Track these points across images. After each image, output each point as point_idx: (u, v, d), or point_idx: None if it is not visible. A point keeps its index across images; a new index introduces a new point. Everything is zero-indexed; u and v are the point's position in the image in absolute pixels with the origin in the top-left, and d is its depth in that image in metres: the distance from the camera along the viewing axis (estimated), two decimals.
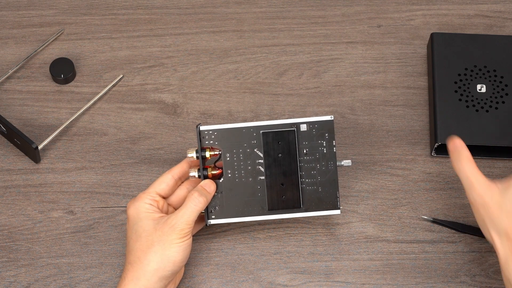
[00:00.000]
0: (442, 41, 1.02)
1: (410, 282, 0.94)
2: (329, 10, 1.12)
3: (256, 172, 0.91)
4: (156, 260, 0.86)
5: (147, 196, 0.89)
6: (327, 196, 0.91)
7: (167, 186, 0.91)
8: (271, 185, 0.91)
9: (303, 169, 0.91)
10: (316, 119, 0.91)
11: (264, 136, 0.90)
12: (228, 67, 1.08)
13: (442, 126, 0.98)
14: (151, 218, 0.88)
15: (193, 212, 0.87)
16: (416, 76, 1.07)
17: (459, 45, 1.02)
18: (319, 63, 1.08)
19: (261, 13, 1.11)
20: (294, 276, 0.95)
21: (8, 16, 1.11)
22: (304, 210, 0.91)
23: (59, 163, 1.01)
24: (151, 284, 0.86)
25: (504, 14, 1.11)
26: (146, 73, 1.07)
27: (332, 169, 0.91)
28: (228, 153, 0.91)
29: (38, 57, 1.08)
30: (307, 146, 0.91)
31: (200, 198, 0.88)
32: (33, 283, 0.94)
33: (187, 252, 0.88)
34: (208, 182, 0.90)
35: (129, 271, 0.86)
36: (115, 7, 1.12)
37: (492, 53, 1.02)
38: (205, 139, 0.91)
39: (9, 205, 0.99)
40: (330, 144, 0.91)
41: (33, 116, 1.04)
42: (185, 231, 0.87)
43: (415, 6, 1.12)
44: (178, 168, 0.92)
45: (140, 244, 0.87)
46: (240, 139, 0.91)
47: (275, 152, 0.90)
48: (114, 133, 1.03)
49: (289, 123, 0.91)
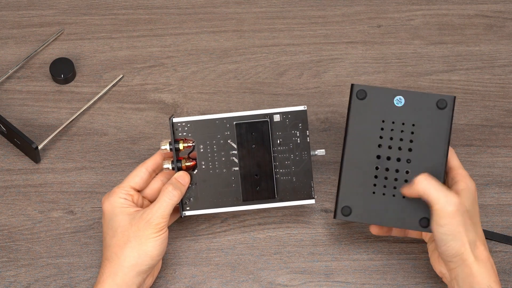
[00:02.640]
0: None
1: (410, 282, 0.94)
2: (329, 10, 1.12)
3: (230, 163, 0.91)
4: (133, 256, 0.86)
5: (121, 191, 0.89)
6: (302, 186, 0.91)
7: (141, 179, 0.91)
8: (245, 176, 0.90)
9: (277, 159, 0.91)
10: (289, 110, 0.91)
11: (238, 127, 0.90)
12: (228, 67, 1.08)
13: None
14: (126, 213, 0.88)
15: (168, 206, 0.87)
16: (416, 76, 1.07)
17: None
18: (319, 63, 1.08)
19: (261, 13, 1.11)
20: (294, 276, 0.95)
21: (8, 16, 1.11)
22: (278, 200, 0.91)
23: (59, 163, 1.01)
24: (129, 279, 0.86)
25: (504, 14, 1.11)
26: (146, 73, 1.07)
27: (306, 159, 0.91)
28: (201, 144, 0.91)
29: (38, 57, 1.08)
30: (280, 136, 0.91)
31: (174, 191, 0.88)
32: (33, 283, 0.94)
33: (164, 246, 0.88)
34: (182, 174, 0.90)
35: (106, 267, 0.87)
36: (115, 7, 1.12)
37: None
38: (178, 130, 0.91)
39: (9, 205, 0.99)
40: (304, 134, 0.91)
41: (33, 116, 1.04)
42: (160, 225, 0.87)
43: (415, 6, 1.12)
44: (152, 160, 0.92)
45: (116, 239, 0.87)
46: (213, 130, 0.91)
47: (248, 143, 0.90)
48: (114, 133, 1.03)
49: (263, 114, 0.90)
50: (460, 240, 0.83)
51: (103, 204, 0.89)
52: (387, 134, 0.89)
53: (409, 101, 0.88)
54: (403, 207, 0.88)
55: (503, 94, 1.06)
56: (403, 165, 0.88)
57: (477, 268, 0.83)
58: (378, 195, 0.88)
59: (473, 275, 0.83)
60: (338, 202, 0.89)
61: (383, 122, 0.89)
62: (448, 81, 1.07)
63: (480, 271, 0.83)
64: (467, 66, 1.08)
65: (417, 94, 0.88)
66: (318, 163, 1.00)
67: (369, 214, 0.88)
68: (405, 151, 0.88)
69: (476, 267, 0.83)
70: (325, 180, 1.00)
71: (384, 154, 0.88)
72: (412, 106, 0.88)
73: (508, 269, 0.95)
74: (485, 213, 0.98)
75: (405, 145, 0.88)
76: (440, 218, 0.83)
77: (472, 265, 0.83)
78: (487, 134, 1.03)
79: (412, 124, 0.88)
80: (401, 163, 0.88)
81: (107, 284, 0.86)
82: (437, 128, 0.88)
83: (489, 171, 1.01)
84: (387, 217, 0.88)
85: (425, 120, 0.88)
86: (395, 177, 0.88)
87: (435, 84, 1.06)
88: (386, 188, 0.88)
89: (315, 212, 0.98)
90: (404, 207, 0.88)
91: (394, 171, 0.88)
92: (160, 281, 0.94)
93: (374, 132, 0.89)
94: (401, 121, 0.88)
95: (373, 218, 0.88)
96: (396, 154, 0.88)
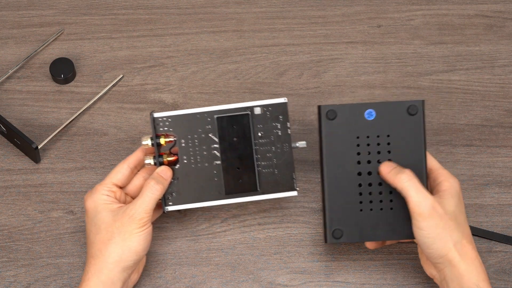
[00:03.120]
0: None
1: (410, 282, 0.94)
2: (329, 10, 1.12)
3: (212, 157, 0.91)
4: (117, 252, 0.86)
5: (104, 188, 0.89)
6: (284, 178, 0.91)
7: (123, 175, 0.91)
8: (227, 169, 0.90)
9: (259, 152, 0.91)
10: (270, 102, 0.90)
11: (219, 121, 0.90)
12: (228, 67, 1.08)
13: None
14: (109, 209, 0.88)
15: (150, 201, 0.87)
16: (416, 76, 1.07)
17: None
18: (319, 63, 1.08)
19: (261, 13, 1.11)
20: (294, 276, 0.95)
21: (8, 16, 1.11)
22: (261, 193, 0.91)
23: (59, 163, 1.01)
24: (114, 275, 0.86)
25: (504, 14, 1.11)
26: (146, 73, 1.07)
27: (287, 151, 0.91)
28: (183, 139, 0.91)
29: (38, 57, 1.08)
30: (262, 129, 0.91)
31: (156, 186, 0.88)
32: (33, 283, 0.94)
33: (148, 241, 0.88)
34: (164, 168, 0.90)
35: (91, 264, 0.87)
36: (115, 7, 1.12)
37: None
38: (159, 126, 0.90)
39: (9, 205, 0.99)
40: (285, 126, 0.91)
41: (33, 116, 1.04)
42: (144, 220, 0.87)
43: (415, 6, 1.12)
44: (134, 156, 0.92)
45: (100, 236, 0.87)
46: (194, 124, 0.90)
47: (230, 137, 0.90)
48: (114, 133, 1.03)
49: (243, 107, 0.90)
50: (442, 242, 0.83)
51: (85, 202, 0.89)
52: (364, 149, 0.88)
53: (380, 112, 0.88)
54: (393, 219, 0.87)
55: (503, 94, 1.06)
56: None
57: (464, 267, 0.83)
58: (365, 212, 0.88)
59: (461, 275, 0.83)
60: (327, 226, 0.88)
61: (357, 138, 0.88)
62: (448, 81, 1.07)
63: (468, 270, 0.83)
64: (467, 66, 1.08)
65: (386, 104, 0.88)
66: (318, 163, 1.00)
67: (360, 233, 0.88)
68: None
69: (463, 266, 0.83)
70: None
71: (364, 169, 0.88)
72: (384, 117, 0.88)
73: (508, 269, 0.95)
74: (485, 213, 0.98)
75: (384, 156, 0.88)
76: (419, 222, 0.83)
77: (459, 264, 0.83)
78: (487, 134, 1.03)
79: (387, 135, 0.88)
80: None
81: (92, 282, 0.86)
82: (412, 134, 0.88)
83: (489, 171, 1.01)
84: (379, 231, 0.88)
85: (399, 129, 0.88)
86: (379, 190, 0.88)
87: (435, 84, 1.06)
88: (373, 203, 0.88)
89: (315, 212, 0.98)
90: (393, 219, 0.87)
91: (377, 185, 0.88)
92: (160, 281, 0.94)
93: (351, 150, 0.88)
94: (375, 134, 0.88)
95: (365, 235, 0.88)
96: (376, 168, 0.88)
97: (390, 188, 0.87)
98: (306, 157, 1.01)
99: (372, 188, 0.88)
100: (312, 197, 0.99)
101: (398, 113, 0.88)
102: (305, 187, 0.99)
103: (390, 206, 0.87)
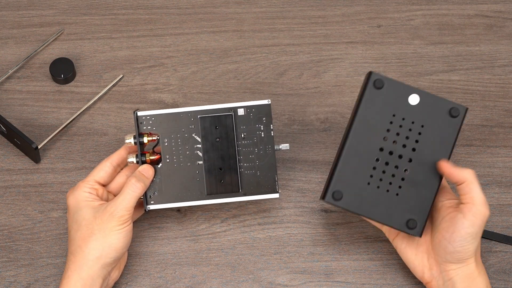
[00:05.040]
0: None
1: (410, 282, 0.94)
2: (329, 10, 1.12)
3: (195, 157, 0.91)
4: (97, 248, 0.86)
5: (86, 185, 0.90)
6: (266, 180, 0.91)
7: (106, 173, 0.91)
8: (210, 169, 0.90)
9: (241, 153, 0.91)
10: (253, 103, 0.91)
11: (202, 121, 0.90)
12: (228, 67, 1.08)
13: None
14: (90, 206, 0.88)
15: (131, 198, 0.87)
16: (416, 76, 1.07)
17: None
18: (319, 63, 1.08)
19: (261, 13, 1.11)
20: (294, 276, 0.95)
21: (8, 16, 1.11)
22: (243, 194, 0.91)
23: (59, 163, 1.01)
24: (94, 272, 0.86)
25: (504, 14, 1.11)
26: (146, 73, 1.07)
27: (270, 153, 0.91)
28: (166, 138, 0.91)
29: (38, 57, 1.08)
30: (245, 130, 0.91)
31: (137, 184, 0.88)
32: (33, 283, 0.94)
33: (128, 238, 0.88)
34: (146, 167, 0.90)
35: (71, 261, 0.87)
36: (115, 7, 1.12)
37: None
38: (143, 124, 0.91)
39: (9, 205, 0.99)
40: (268, 128, 0.91)
41: (33, 116, 1.04)
42: (124, 217, 0.87)
43: (415, 6, 1.12)
44: (117, 155, 0.92)
45: (80, 233, 0.87)
46: (178, 124, 0.91)
47: (213, 137, 0.90)
48: (114, 133, 1.03)
49: (227, 108, 0.91)
50: (477, 244, 0.85)
51: (67, 198, 0.90)
52: (395, 129, 0.88)
53: (423, 101, 0.88)
54: (394, 204, 0.87)
55: (503, 94, 1.06)
56: (403, 163, 0.88)
57: (477, 273, 0.85)
58: (372, 187, 0.88)
59: (473, 278, 0.85)
60: (331, 184, 0.87)
61: (393, 116, 0.88)
62: (448, 81, 1.07)
63: (480, 275, 0.85)
64: (467, 66, 1.08)
65: (433, 97, 0.88)
66: (318, 163, 1.01)
67: (359, 204, 0.87)
68: (408, 150, 0.88)
69: (476, 271, 0.85)
70: (325, 179, 1.00)
71: (387, 148, 0.88)
72: (426, 108, 0.88)
73: (508, 269, 0.95)
74: None
75: (410, 144, 0.88)
76: (476, 219, 0.83)
77: (474, 269, 0.85)
78: (487, 134, 1.03)
79: (421, 125, 0.88)
80: (402, 161, 0.88)
81: (72, 280, 0.86)
82: (445, 134, 0.88)
83: (489, 171, 1.01)
84: (376, 210, 0.87)
85: (435, 124, 0.88)
86: (393, 173, 0.88)
87: (435, 84, 1.06)
88: (382, 181, 0.88)
89: (315, 212, 0.98)
90: (395, 204, 0.87)
91: (394, 167, 0.88)
92: (160, 281, 0.94)
93: (382, 124, 0.88)
94: (411, 119, 0.88)
95: (362, 208, 0.87)
96: (399, 151, 0.88)
97: (403, 175, 0.87)
98: (306, 157, 1.01)
99: (388, 168, 0.88)
100: (312, 197, 0.99)
101: (439, 110, 0.88)
102: (305, 187, 0.99)
103: (397, 192, 0.87)
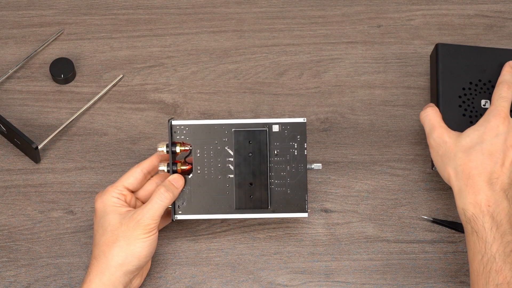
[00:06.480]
0: (447, 52, 0.97)
1: (410, 282, 0.94)
2: (329, 10, 1.12)
3: (226, 170, 0.91)
4: (120, 255, 0.86)
5: (115, 190, 0.89)
6: (296, 198, 0.91)
7: (136, 180, 0.91)
8: (240, 184, 0.90)
9: (273, 170, 0.91)
10: (289, 121, 0.91)
11: (236, 135, 0.90)
12: (228, 67, 1.08)
13: None
14: (117, 212, 0.88)
15: (159, 208, 0.87)
16: (416, 76, 1.07)
17: (464, 58, 0.97)
18: (319, 63, 1.08)
19: (261, 13, 1.11)
20: (294, 276, 0.95)
21: (8, 16, 1.11)
22: (271, 211, 0.91)
23: (59, 163, 1.01)
24: (116, 279, 0.86)
25: (504, 14, 1.11)
26: (146, 73, 1.07)
27: (302, 172, 0.91)
28: (199, 149, 0.91)
29: (38, 57, 1.08)
30: (278, 147, 0.91)
31: (166, 193, 0.88)
32: (33, 283, 0.94)
33: (153, 247, 0.88)
34: (177, 177, 0.90)
35: (94, 265, 0.87)
36: (115, 7, 1.12)
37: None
38: (176, 133, 0.91)
39: (9, 205, 0.99)
40: (301, 147, 0.91)
41: (33, 116, 1.04)
42: (150, 226, 0.86)
43: (415, 6, 1.12)
44: (148, 162, 0.92)
45: (105, 238, 0.87)
46: (211, 136, 0.91)
47: (245, 151, 0.90)
48: (114, 133, 1.03)
49: (262, 123, 0.91)
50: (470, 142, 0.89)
51: (95, 202, 0.89)
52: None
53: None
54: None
55: None
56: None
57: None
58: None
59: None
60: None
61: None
62: None
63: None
64: None
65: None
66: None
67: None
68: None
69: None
70: (325, 180, 1.00)
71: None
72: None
73: None
74: None
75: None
76: (481, 121, 0.89)
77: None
78: None
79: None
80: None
81: (94, 284, 0.86)
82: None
83: None
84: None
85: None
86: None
87: None
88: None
89: (315, 212, 0.98)
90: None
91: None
92: (160, 281, 0.94)
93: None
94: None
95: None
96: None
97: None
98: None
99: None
100: (312, 197, 0.99)
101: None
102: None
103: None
